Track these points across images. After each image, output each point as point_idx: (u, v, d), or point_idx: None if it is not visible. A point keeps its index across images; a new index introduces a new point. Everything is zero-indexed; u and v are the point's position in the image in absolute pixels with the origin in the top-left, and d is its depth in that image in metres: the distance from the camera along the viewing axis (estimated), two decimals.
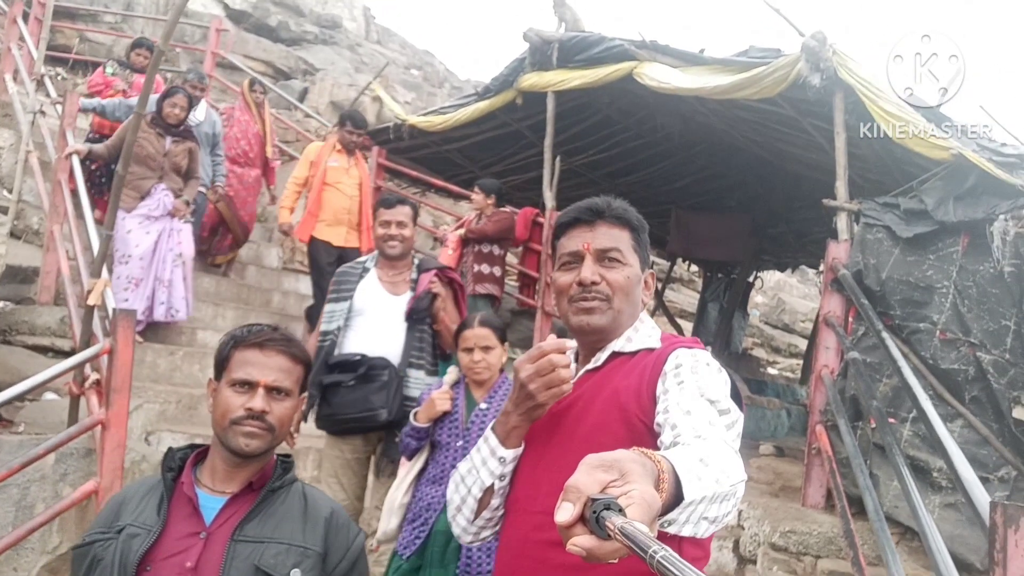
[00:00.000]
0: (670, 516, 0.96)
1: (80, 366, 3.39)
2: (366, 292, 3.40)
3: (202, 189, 5.80)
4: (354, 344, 3.33)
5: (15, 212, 5.50)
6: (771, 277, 16.00)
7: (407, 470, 2.96)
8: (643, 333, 1.51)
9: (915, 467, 3.79)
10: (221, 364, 1.62)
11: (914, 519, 3.13)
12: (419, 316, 3.37)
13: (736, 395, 1.35)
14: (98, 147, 5.28)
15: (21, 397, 3.43)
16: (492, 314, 3.08)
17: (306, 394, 1.70)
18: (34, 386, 3.29)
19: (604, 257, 1.48)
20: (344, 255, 5.40)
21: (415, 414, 2.90)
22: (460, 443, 2.78)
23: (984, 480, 3.88)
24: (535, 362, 1.32)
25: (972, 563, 3.61)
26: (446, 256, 5.93)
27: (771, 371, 12.79)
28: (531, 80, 6.28)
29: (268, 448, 1.59)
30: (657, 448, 1.24)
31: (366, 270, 3.47)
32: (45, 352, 4.91)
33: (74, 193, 5.53)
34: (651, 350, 1.47)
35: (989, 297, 3.74)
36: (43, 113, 5.86)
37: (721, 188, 8.77)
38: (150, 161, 5.00)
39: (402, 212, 3.45)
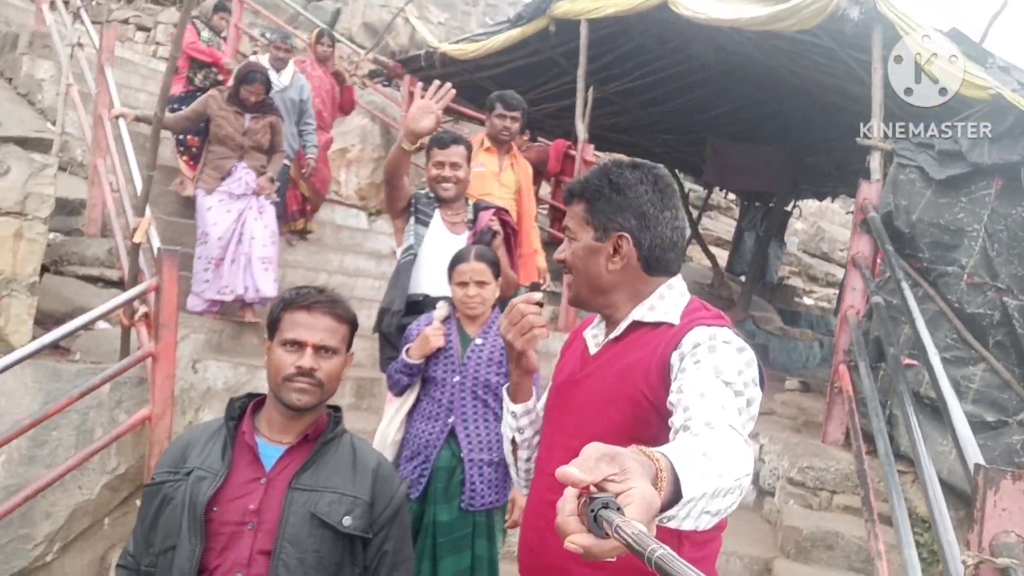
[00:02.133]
0: (669, 512, 0.96)
1: (130, 301, 3.57)
2: (435, 228, 3.37)
3: (286, 162, 5.46)
4: (422, 283, 3.31)
5: (60, 144, 5.65)
6: (812, 204, 15.74)
7: (397, 407, 2.92)
8: (669, 301, 1.46)
9: (934, 408, 3.86)
10: (273, 325, 1.71)
11: (912, 452, 3.23)
12: None
13: (760, 374, 1.34)
14: (169, 117, 4.95)
15: (77, 328, 3.63)
16: (487, 248, 2.97)
17: (353, 352, 1.79)
18: (89, 320, 3.49)
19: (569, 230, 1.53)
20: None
21: (407, 350, 2.82)
22: (456, 379, 2.74)
23: (1003, 423, 3.96)
24: (507, 315, 1.45)
25: None
26: None
27: (807, 300, 12.75)
28: (564, 7, 6.18)
29: (319, 402, 1.69)
30: (665, 428, 1.26)
31: (437, 204, 3.42)
32: (95, 282, 5.13)
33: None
34: (672, 325, 1.43)
35: (1020, 242, 3.71)
36: (80, 45, 5.93)
37: (757, 118, 8.61)
38: (229, 141, 4.82)
39: (456, 152, 3.32)
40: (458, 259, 2.83)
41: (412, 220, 3.39)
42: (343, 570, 1.63)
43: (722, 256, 11.37)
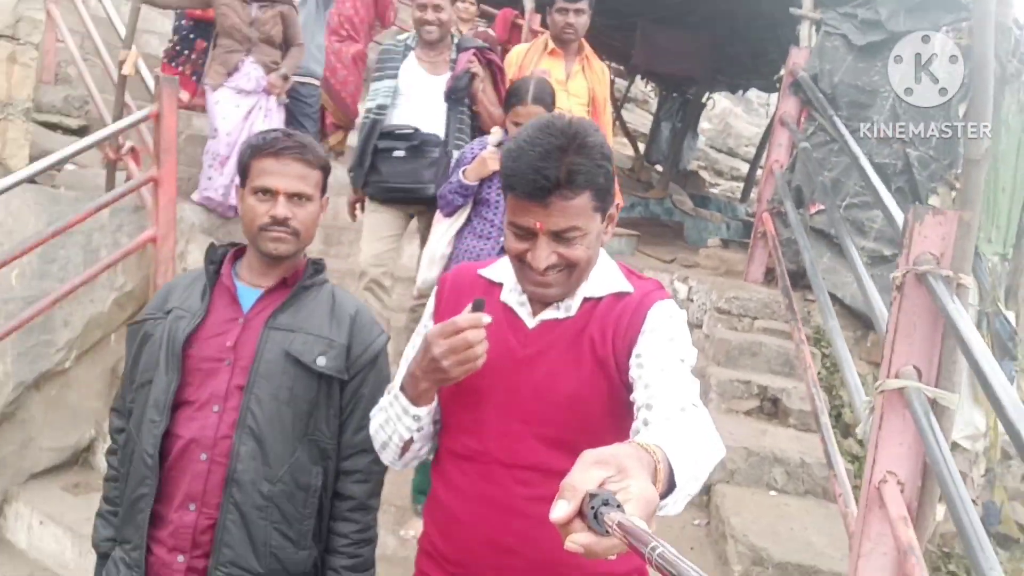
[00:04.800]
0: (663, 502, 0.97)
1: (115, 134, 3.72)
2: (408, 72, 3.39)
3: (314, 81, 4.94)
4: (402, 119, 3.37)
5: None
6: (718, 105, 16.50)
7: (448, 224, 3.01)
8: (605, 272, 1.41)
9: (841, 248, 4.53)
10: (243, 172, 1.67)
11: (811, 277, 3.89)
12: (458, 96, 3.38)
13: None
14: None
15: (59, 164, 3.73)
16: (543, 84, 2.87)
17: (327, 196, 1.74)
18: (88, 145, 3.65)
19: (560, 237, 1.30)
20: None
21: (463, 172, 2.90)
22: None
23: (895, 256, 4.69)
24: (448, 338, 1.22)
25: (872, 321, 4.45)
26: None
27: (715, 191, 13.57)
28: None
29: (296, 250, 1.68)
30: (631, 403, 1.27)
31: (408, 48, 3.44)
32: (54, 129, 5.14)
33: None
34: (621, 295, 1.38)
35: None
36: None
37: (686, 2, 8.99)
38: (235, 32, 4.37)
39: None
40: (515, 99, 2.83)
41: (376, 80, 3.43)
42: (317, 410, 1.63)
43: (639, 147, 11.93)
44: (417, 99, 3.39)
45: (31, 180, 3.47)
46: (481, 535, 1.36)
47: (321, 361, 1.62)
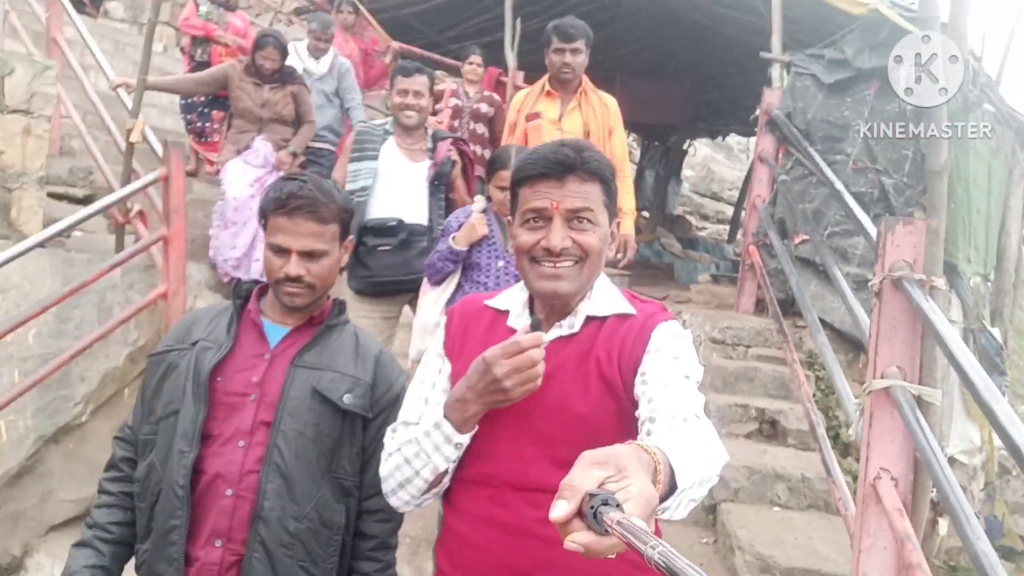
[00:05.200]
0: (664, 504, 0.97)
1: (127, 197, 3.89)
2: (388, 157, 3.43)
3: (329, 146, 5.09)
4: (384, 208, 3.38)
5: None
6: (700, 153, 16.94)
7: (438, 293, 3.06)
8: (606, 292, 1.44)
9: (826, 274, 4.70)
10: (264, 221, 1.70)
11: (801, 305, 4.05)
12: (442, 181, 3.46)
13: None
14: (174, 79, 4.99)
15: (73, 227, 3.88)
16: (524, 150, 2.86)
17: (351, 238, 1.76)
18: (99, 209, 3.81)
19: (574, 217, 1.34)
20: None
21: (453, 238, 2.96)
22: (501, 263, 2.92)
23: None
24: (512, 358, 1.24)
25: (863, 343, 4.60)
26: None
27: (701, 234, 13.85)
28: None
29: (313, 301, 1.69)
30: (636, 420, 1.27)
31: (387, 133, 3.49)
32: (60, 199, 5.30)
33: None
34: (624, 316, 1.40)
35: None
36: None
37: (661, 55, 9.36)
38: (248, 114, 4.57)
39: (419, 82, 3.42)
40: (498, 165, 2.91)
41: (355, 161, 3.44)
42: (341, 448, 1.64)
43: None
44: (398, 185, 3.41)
45: (43, 244, 3.62)
46: (494, 559, 1.34)
47: (347, 399, 1.63)
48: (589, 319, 1.39)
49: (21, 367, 3.44)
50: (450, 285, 3.05)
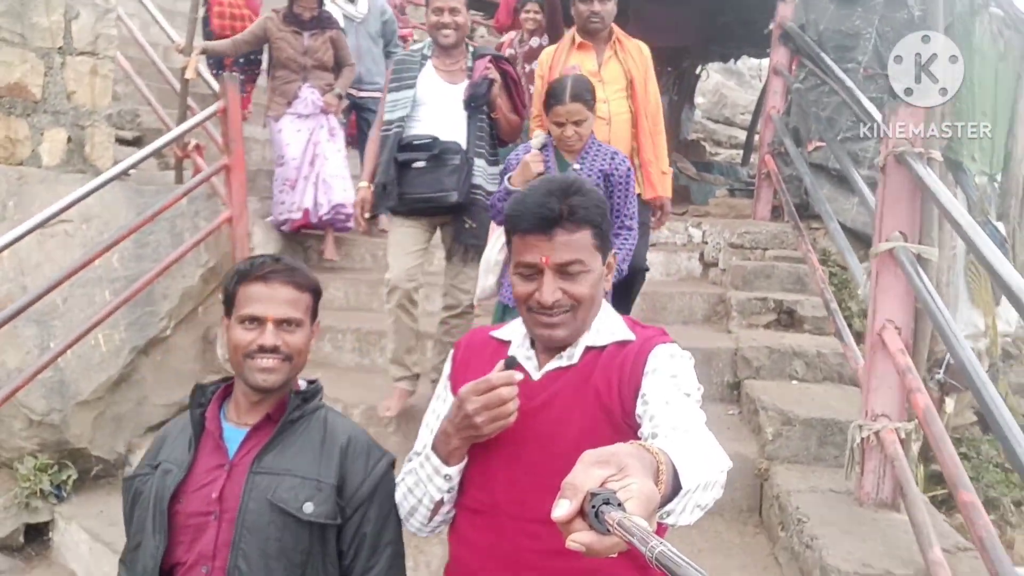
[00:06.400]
0: (668, 507, 0.97)
1: (200, 123, 4.22)
2: (426, 81, 3.37)
3: (379, 94, 4.79)
4: (420, 129, 3.33)
5: None
6: (712, 80, 16.96)
7: (500, 232, 2.89)
8: (607, 322, 1.46)
9: (840, 177, 4.98)
10: (228, 300, 1.59)
11: (816, 201, 4.34)
12: (478, 103, 3.34)
13: None
14: (221, 43, 5.06)
15: (144, 159, 4.22)
16: (582, 81, 2.91)
17: (318, 320, 1.66)
18: (165, 143, 4.15)
19: (565, 271, 1.36)
20: None
21: (509, 178, 2.90)
22: None
23: None
24: (482, 395, 1.28)
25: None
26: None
27: (716, 159, 14.02)
28: None
29: (287, 379, 1.58)
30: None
31: (425, 57, 3.42)
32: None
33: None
34: (623, 343, 1.42)
35: (902, 37, 4.78)
36: None
37: None
38: (291, 63, 4.70)
39: None
40: (553, 100, 2.85)
41: (393, 91, 3.37)
42: (312, 559, 1.51)
43: None
44: (436, 109, 3.34)
45: (119, 177, 3.97)
46: None
47: (308, 508, 1.50)
48: (588, 349, 1.42)
49: (110, 287, 3.84)
50: None
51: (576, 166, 2.91)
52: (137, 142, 5.68)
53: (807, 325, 4.23)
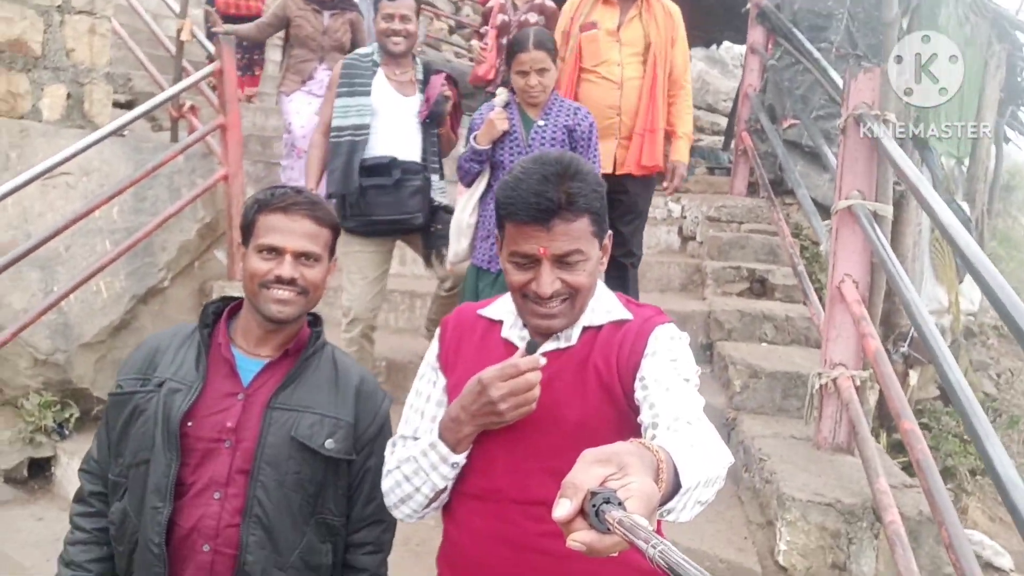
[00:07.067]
0: (669, 505, 0.97)
1: (196, 83, 4.34)
2: (380, 92, 3.28)
3: None
4: (377, 145, 3.25)
5: None
6: (695, 68, 17.15)
7: (469, 194, 3.04)
8: (602, 301, 1.43)
9: (814, 154, 5.20)
10: (247, 229, 1.57)
11: (788, 175, 4.56)
12: (438, 120, 3.34)
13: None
14: (245, 27, 4.96)
15: (142, 116, 4.33)
16: (544, 32, 2.95)
17: (336, 258, 1.64)
18: (161, 101, 4.26)
19: (563, 261, 1.32)
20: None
21: (475, 137, 2.90)
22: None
23: None
24: (508, 380, 1.24)
25: None
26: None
27: (698, 144, 14.25)
28: None
29: (301, 314, 1.57)
30: (639, 426, 1.26)
31: (375, 64, 3.33)
32: None
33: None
34: (620, 323, 1.39)
35: (872, 18, 5.00)
36: None
37: None
38: (310, 42, 4.63)
39: (405, 4, 3.27)
40: (518, 47, 2.85)
41: (344, 96, 3.27)
42: (326, 491, 1.56)
43: None
44: (390, 122, 3.29)
45: (117, 133, 4.09)
46: (500, 575, 1.36)
47: (330, 444, 1.54)
48: (585, 329, 1.39)
49: (111, 238, 3.97)
50: (480, 184, 3.06)
51: (540, 122, 2.94)
52: (129, 105, 5.75)
53: (778, 293, 4.45)
